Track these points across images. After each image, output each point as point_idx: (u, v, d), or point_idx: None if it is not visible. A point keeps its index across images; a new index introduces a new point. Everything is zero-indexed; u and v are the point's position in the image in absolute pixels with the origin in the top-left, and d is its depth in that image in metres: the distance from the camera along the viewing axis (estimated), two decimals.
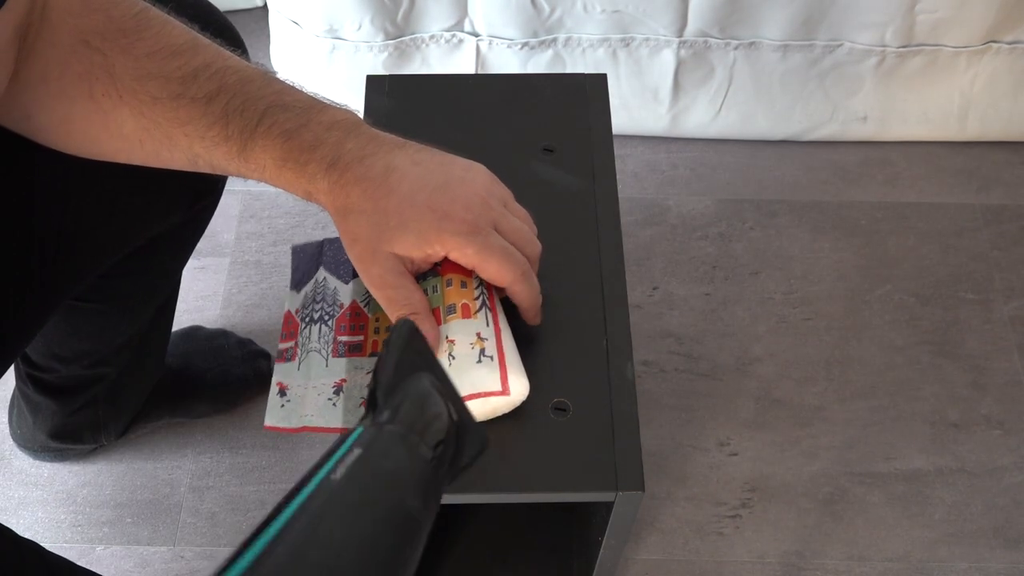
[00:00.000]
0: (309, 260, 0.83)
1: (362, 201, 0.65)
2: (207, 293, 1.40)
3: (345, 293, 0.79)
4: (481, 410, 0.71)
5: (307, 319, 0.79)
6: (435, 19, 1.39)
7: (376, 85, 0.95)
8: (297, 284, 0.82)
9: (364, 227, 0.66)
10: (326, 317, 0.78)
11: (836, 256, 1.45)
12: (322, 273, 0.81)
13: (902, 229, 1.48)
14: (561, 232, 0.85)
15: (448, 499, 0.75)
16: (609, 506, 0.76)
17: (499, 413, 0.73)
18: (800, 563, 1.22)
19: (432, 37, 1.42)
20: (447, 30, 1.40)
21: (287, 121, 0.64)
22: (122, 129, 0.66)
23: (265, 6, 1.60)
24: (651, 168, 1.53)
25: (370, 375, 0.75)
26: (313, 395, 0.74)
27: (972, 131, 1.53)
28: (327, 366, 0.75)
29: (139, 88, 0.64)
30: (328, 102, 0.68)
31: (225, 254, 1.43)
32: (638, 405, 0.77)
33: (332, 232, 0.73)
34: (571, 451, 0.74)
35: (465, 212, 0.66)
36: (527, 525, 1.16)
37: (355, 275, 0.78)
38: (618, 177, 1.12)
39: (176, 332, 1.31)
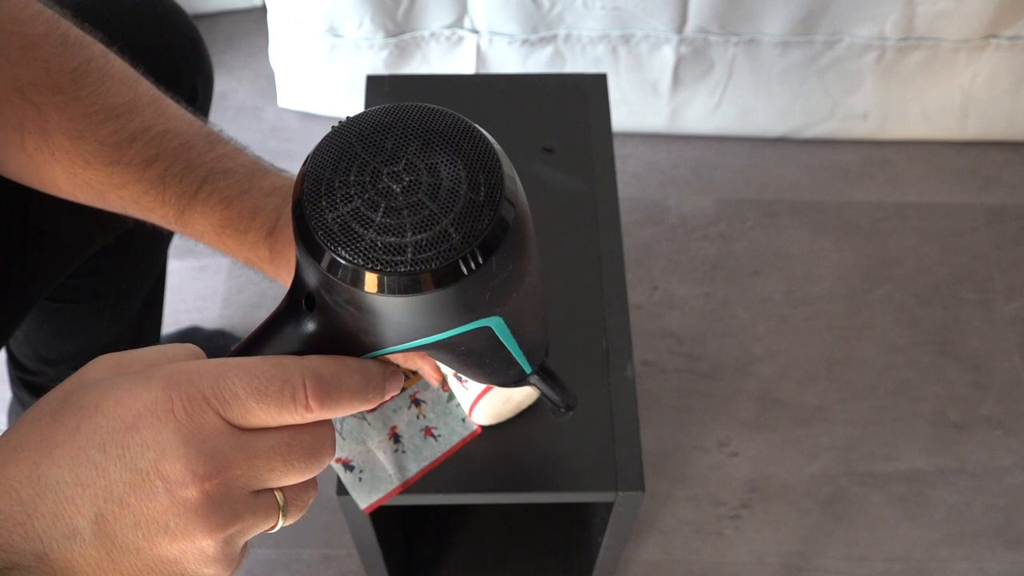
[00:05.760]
0: None
1: None
2: (207, 293, 1.40)
3: None
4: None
5: None
6: (435, 16, 1.39)
7: (377, 85, 0.94)
8: None
9: None
10: None
11: (836, 256, 1.45)
12: None
13: (903, 229, 1.48)
14: (561, 232, 0.84)
15: (448, 499, 0.75)
16: (609, 506, 0.76)
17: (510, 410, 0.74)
18: (801, 563, 1.22)
19: (432, 34, 1.41)
20: (447, 27, 1.40)
21: (227, 188, 0.63)
22: (55, 182, 0.65)
23: (264, 6, 1.60)
24: (651, 168, 1.53)
25: (414, 407, 0.75)
26: (379, 455, 0.74)
27: (973, 129, 1.53)
28: (369, 423, 0.75)
29: (72, 149, 0.62)
30: (269, 166, 0.66)
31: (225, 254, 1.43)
32: (638, 405, 0.76)
33: None
34: (571, 451, 0.74)
35: None
36: (527, 525, 1.16)
37: None
38: (618, 177, 1.12)
39: (175, 333, 1.31)
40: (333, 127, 0.38)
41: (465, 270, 0.36)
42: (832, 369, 1.35)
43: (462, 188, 0.36)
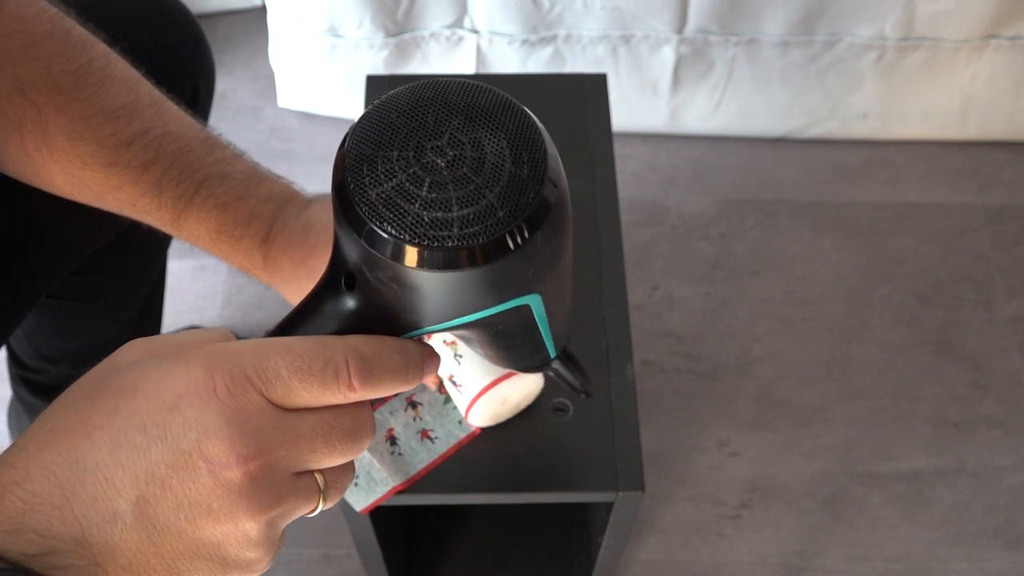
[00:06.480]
0: None
1: (292, 269, 0.63)
2: (207, 293, 1.40)
3: None
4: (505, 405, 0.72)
5: None
6: (435, 16, 1.39)
7: (377, 85, 0.94)
8: None
9: None
10: None
11: (836, 256, 1.45)
12: None
13: (903, 229, 1.48)
14: None
15: (448, 499, 0.75)
16: (609, 506, 0.76)
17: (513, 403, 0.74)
18: (801, 563, 1.22)
19: (432, 34, 1.41)
20: (447, 27, 1.40)
21: (224, 194, 0.63)
22: (54, 182, 0.65)
23: (264, 6, 1.60)
24: (651, 168, 1.53)
25: (411, 409, 0.75)
26: (376, 458, 0.74)
27: (973, 130, 1.53)
28: None
29: (70, 149, 0.61)
30: (266, 173, 0.66)
31: None
32: (638, 405, 0.76)
33: None
34: (571, 451, 0.74)
35: None
36: (527, 525, 1.16)
37: None
38: (618, 177, 1.12)
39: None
40: (373, 104, 0.38)
41: (511, 245, 0.35)
42: (832, 369, 1.35)
43: (506, 163, 0.36)
